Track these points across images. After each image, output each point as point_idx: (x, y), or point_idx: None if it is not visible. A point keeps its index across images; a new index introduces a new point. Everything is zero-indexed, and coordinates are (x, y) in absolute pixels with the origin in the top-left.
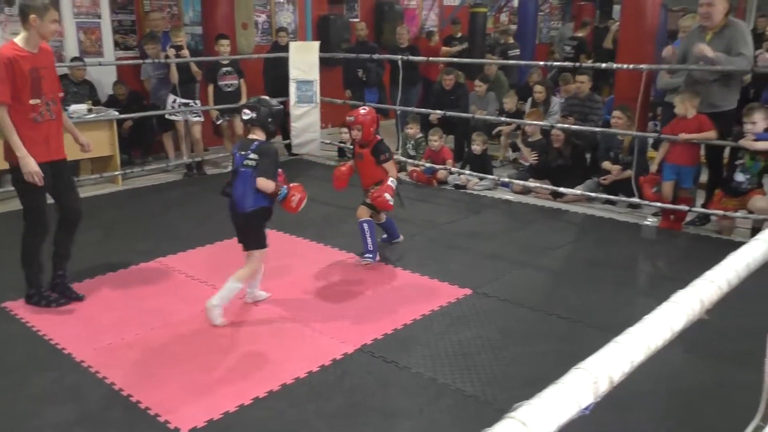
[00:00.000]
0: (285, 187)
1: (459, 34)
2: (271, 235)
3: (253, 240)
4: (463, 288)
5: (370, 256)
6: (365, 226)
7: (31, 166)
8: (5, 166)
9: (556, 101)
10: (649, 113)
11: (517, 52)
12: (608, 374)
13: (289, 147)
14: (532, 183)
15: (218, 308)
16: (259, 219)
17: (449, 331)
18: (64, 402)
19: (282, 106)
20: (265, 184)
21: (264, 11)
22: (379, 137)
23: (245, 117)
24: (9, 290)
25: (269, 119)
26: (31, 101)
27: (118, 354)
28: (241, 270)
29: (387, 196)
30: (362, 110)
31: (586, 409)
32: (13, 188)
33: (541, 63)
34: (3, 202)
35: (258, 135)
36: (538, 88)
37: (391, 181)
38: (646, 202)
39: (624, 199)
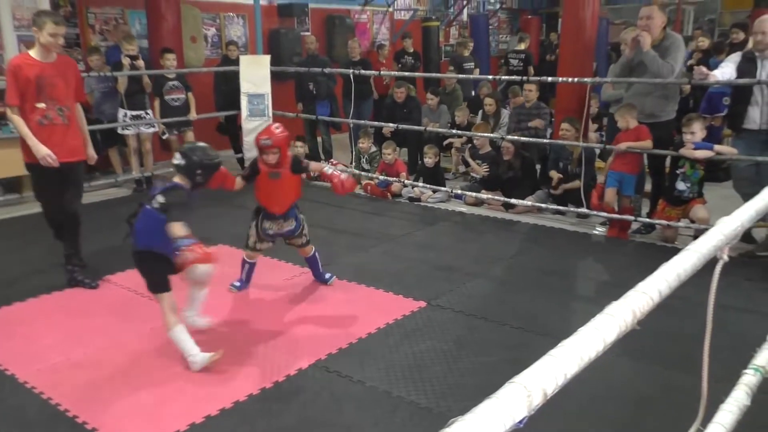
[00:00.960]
0: (189, 241)
1: (411, 50)
2: (222, 249)
3: (149, 281)
4: (418, 300)
5: (330, 274)
6: (317, 256)
7: (42, 150)
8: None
9: (506, 113)
10: (595, 125)
11: (471, 65)
12: (542, 387)
13: (241, 161)
14: (484, 195)
15: (195, 356)
16: (151, 262)
17: (404, 343)
18: (6, 425)
19: (218, 162)
20: (173, 229)
21: (213, 24)
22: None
23: (175, 162)
24: None
25: (198, 171)
26: (37, 105)
27: (63, 374)
28: (165, 317)
29: (344, 175)
30: (276, 129)
31: (519, 422)
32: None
33: (490, 77)
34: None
35: (181, 180)
36: (488, 100)
37: (328, 168)
38: (595, 213)
39: (573, 209)
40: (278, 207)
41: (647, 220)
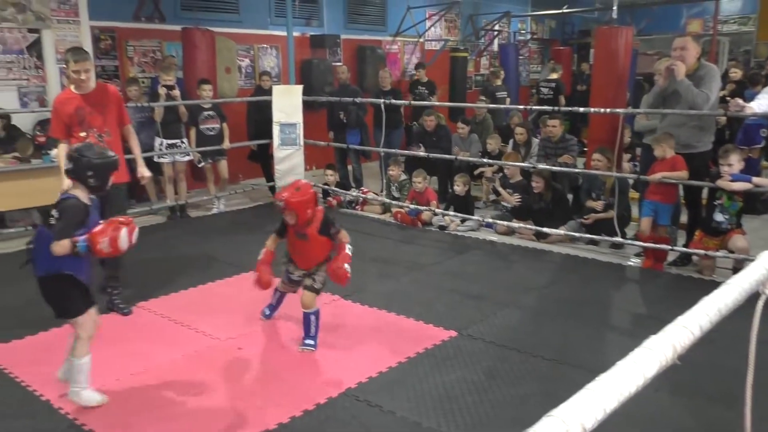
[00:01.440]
0: (82, 239)
1: (425, 80)
2: (252, 278)
3: (57, 308)
4: (448, 330)
5: (313, 343)
6: (312, 318)
7: (64, 183)
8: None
9: (536, 143)
10: (628, 154)
11: (504, 94)
12: (581, 422)
13: (273, 189)
14: (515, 224)
15: (83, 390)
16: (57, 286)
17: (434, 373)
18: None
19: (113, 159)
20: (56, 248)
21: (247, 55)
22: (320, 209)
23: (65, 168)
24: None
25: (89, 173)
26: (81, 134)
27: None
28: (75, 343)
29: (347, 266)
30: (295, 190)
31: None
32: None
33: (522, 107)
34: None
35: (77, 188)
36: (519, 129)
37: (348, 249)
38: (629, 242)
39: (606, 238)
40: (303, 264)
41: (684, 249)
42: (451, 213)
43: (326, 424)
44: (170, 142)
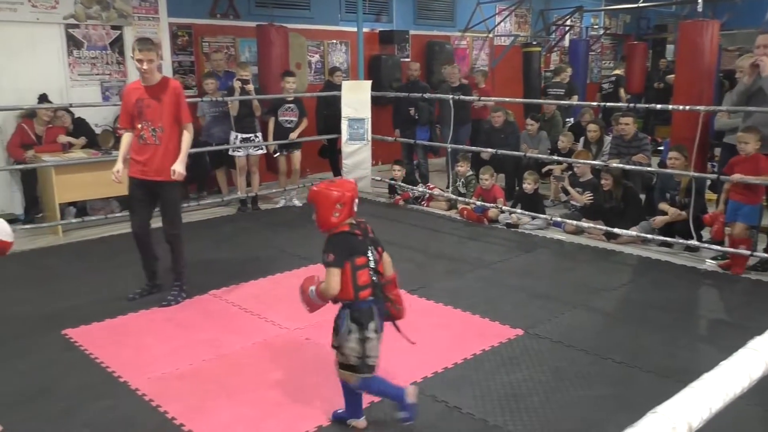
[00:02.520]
0: None
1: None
2: (320, 270)
3: None
4: (515, 328)
5: (407, 415)
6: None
7: (115, 166)
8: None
9: (608, 140)
10: (707, 154)
11: (561, 91)
12: (687, 420)
13: None
14: (585, 223)
15: None
16: None
17: (500, 371)
18: (117, 430)
19: None
20: None
21: (317, 51)
22: (344, 227)
23: None
24: (69, 318)
25: None
26: (138, 125)
27: (171, 383)
28: None
29: (304, 296)
30: (327, 183)
31: None
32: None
33: (588, 103)
34: (67, 233)
35: None
36: (592, 127)
37: (312, 289)
38: (705, 245)
39: (681, 241)
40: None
41: (766, 254)
42: (519, 211)
43: (390, 416)
44: (245, 136)
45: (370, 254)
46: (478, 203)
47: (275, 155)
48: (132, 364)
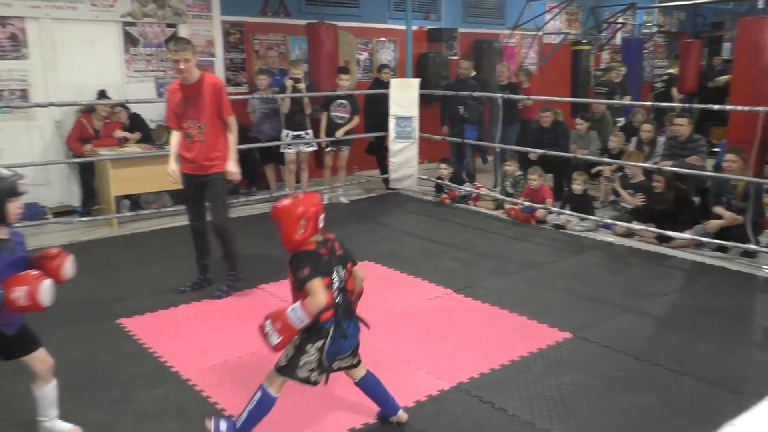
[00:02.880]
0: None
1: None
2: (367, 266)
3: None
4: (563, 331)
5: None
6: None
7: (168, 167)
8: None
9: (663, 141)
10: (766, 157)
11: (605, 89)
12: None
13: (386, 181)
14: (636, 225)
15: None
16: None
17: (548, 374)
18: (168, 419)
19: (13, 179)
20: None
21: (366, 49)
22: (309, 245)
23: None
24: (123, 308)
25: None
26: (184, 123)
27: (221, 374)
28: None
29: (269, 327)
30: (290, 199)
31: None
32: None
33: (639, 103)
34: (122, 225)
35: None
36: (646, 127)
37: (291, 311)
38: (764, 250)
39: (737, 245)
40: None
41: None
42: (568, 212)
43: (438, 417)
44: (295, 133)
45: (335, 274)
46: (526, 203)
47: (326, 150)
48: (183, 355)
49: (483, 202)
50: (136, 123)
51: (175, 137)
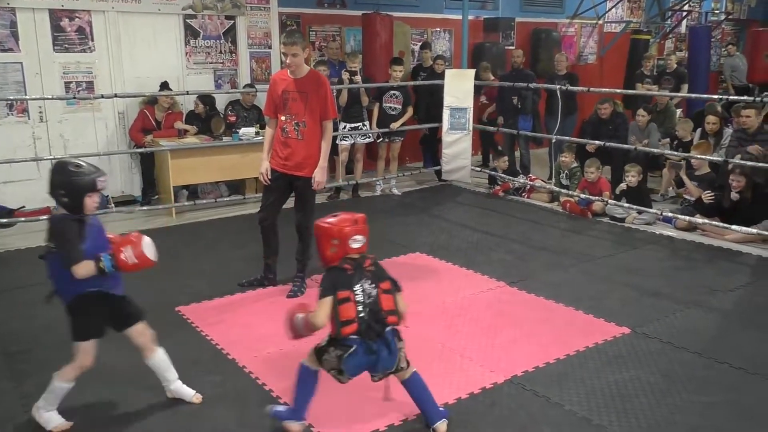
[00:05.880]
0: (105, 255)
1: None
2: (420, 258)
3: (73, 330)
4: (621, 326)
5: (281, 411)
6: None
7: (261, 167)
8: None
9: (729, 133)
10: None
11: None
12: None
13: (439, 173)
14: (699, 219)
15: (44, 411)
16: (83, 307)
17: (605, 370)
18: (226, 405)
19: (86, 180)
20: (79, 271)
21: (421, 39)
22: (334, 264)
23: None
24: (181, 295)
25: (60, 191)
26: (281, 117)
27: (276, 363)
28: (65, 366)
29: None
30: (332, 217)
31: None
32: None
33: (716, 95)
34: (180, 215)
35: (60, 209)
36: (711, 118)
37: (299, 317)
38: None
39: None
40: None
41: None
42: (626, 204)
43: (492, 410)
44: (353, 125)
45: (358, 287)
46: (582, 196)
47: (378, 141)
48: (240, 343)
49: (537, 194)
50: (195, 114)
51: (269, 132)
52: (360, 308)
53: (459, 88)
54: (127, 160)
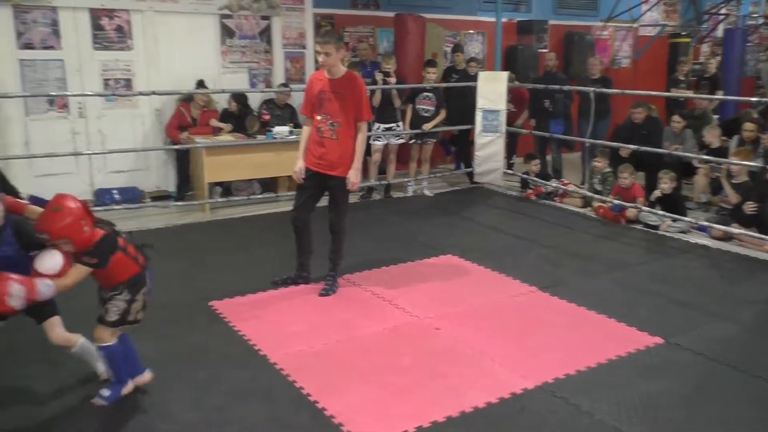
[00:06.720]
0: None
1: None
2: (451, 260)
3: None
4: (653, 336)
5: (107, 394)
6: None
7: (296, 165)
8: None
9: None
10: None
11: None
12: None
13: (470, 175)
14: (735, 229)
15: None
16: None
17: (637, 380)
18: (255, 400)
19: None
20: None
21: (453, 41)
22: (98, 233)
23: None
24: (214, 290)
25: None
26: (317, 117)
27: (306, 360)
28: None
29: (15, 288)
30: (55, 209)
31: None
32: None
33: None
34: (214, 211)
35: None
36: (748, 125)
37: (43, 285)
38: None
39: None
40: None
41: None
42: (660, 212)
43: (522, 416)
44: (386, 126)
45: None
46: (616, 202)
47: (410, 141)
48: (271, 339)
49: (570, 199)
50: (229, 112)
51: (306, 132)
52: None
53: (492, 91)
54: (163, 156)
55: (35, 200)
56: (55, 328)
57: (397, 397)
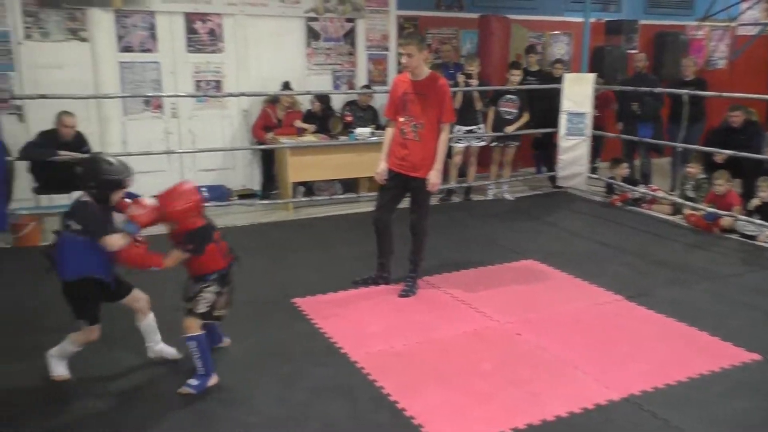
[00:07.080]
0: (126, 224)
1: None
2: (532, 265)
3: (78, 311)
4: (750, 351)
5: (195, 383)
6: (194, 341)
7: (378, 167)
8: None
9: None
10: None
11: None
12: None
13: (553, 179)
14: None
15: (54, 359)
16: (84, 289)
17: (732, 397)
18: (337, 398)
19: (123, 175)
20: (112, 240)
21: (538, 42)
22: (200, 221)
23: (78, 171)
24: (296, 288)
25: (90, 183)
26: (401, 118)
27: (386, 360)
28: (74, 333)
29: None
30: (174, 193)
31: None
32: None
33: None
34: (297, 210)
35: (86, 196)
36: None
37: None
38: None
39: None
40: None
41: None
42: (758, 221)
43: (606, 427)
44: (467, 128)
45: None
46: (709, 210)
47: (491, 144)
48: (351, 338)
49: (658, 205)
50: (326, 114)
51: (389, 133)
52: None
53: (578, 93)
54: (249, 155)
55: (129, 195)
56: (140, 299)
57: (476, 402)
